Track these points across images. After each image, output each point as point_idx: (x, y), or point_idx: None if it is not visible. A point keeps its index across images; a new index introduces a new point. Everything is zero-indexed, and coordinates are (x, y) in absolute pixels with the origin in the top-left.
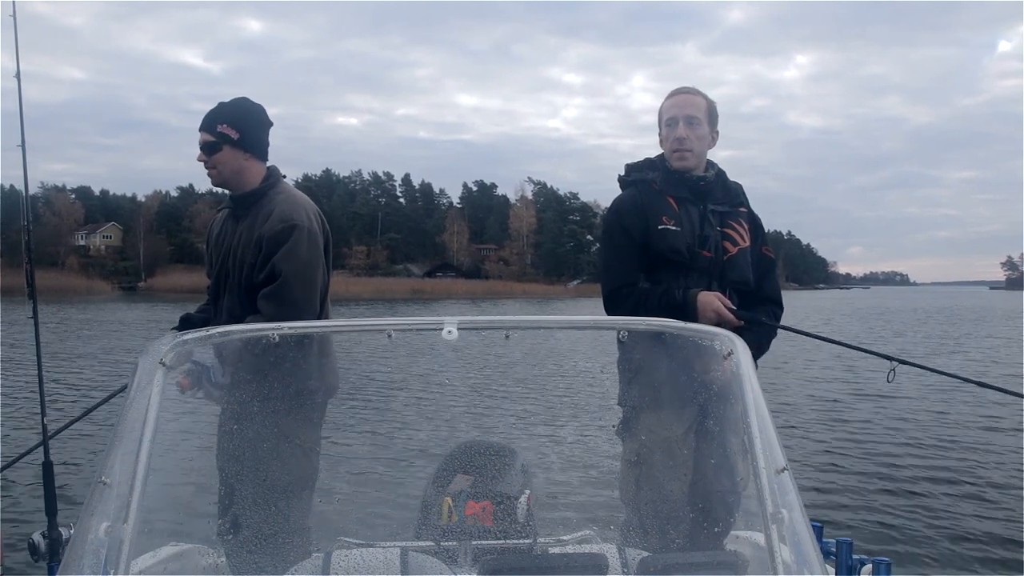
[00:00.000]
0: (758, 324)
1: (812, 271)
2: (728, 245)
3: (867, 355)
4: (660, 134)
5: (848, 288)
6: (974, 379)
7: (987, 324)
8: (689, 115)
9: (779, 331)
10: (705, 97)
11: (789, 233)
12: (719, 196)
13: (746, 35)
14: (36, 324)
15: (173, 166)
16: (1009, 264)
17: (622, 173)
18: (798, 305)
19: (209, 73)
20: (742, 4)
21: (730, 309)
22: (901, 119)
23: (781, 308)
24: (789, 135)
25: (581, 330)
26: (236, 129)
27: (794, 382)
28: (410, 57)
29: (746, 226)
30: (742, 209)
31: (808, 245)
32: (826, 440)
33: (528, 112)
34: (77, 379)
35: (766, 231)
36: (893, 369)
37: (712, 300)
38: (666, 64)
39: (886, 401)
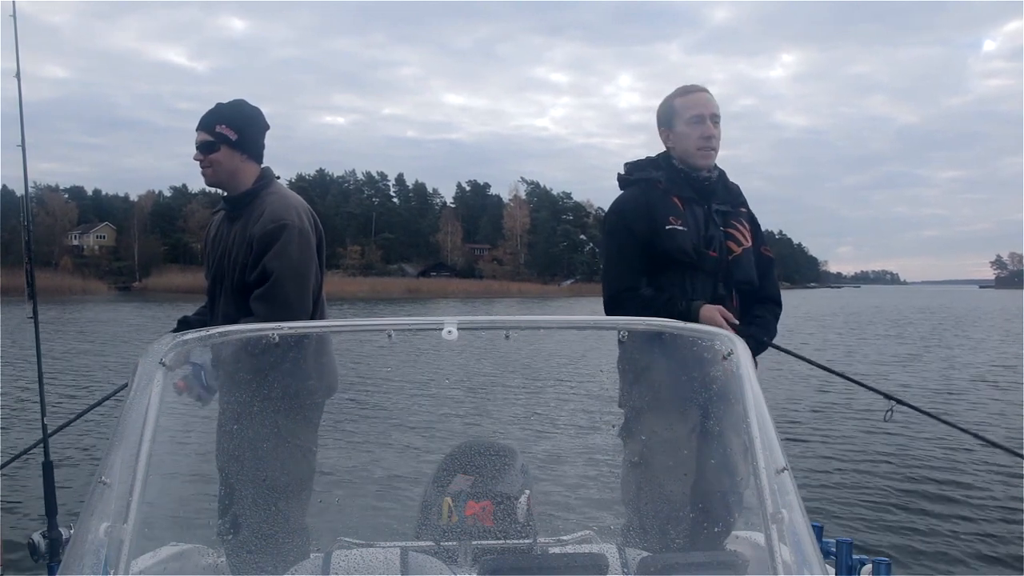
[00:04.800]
0: (758, 343)
1: (804, 270)
2: (732, 245)
3: (869, 360)
4: (667, 132)
5: (839, 287)
6: (972, 431)
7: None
8: (715, 113)
9: (778, 322)
10: None
11: (780, 232)
12: (722, 196)
13: (731, 35)
14: (36, 324)
15: (159, 165)
16: (998, 263)
17: (622, 171)
18: (794, 304)
19: (193, 72)
20: (727, 4)
21: (732, 325)
22: (887, 119)
23: (780, 307)
24: (776, 134)
25: (582, 330)
26: (235, 130)
27: (792, 382)
28: (394, 56)
29: (747, 226)
30: (743, 209)
31: (799, 244)
32: (826, 440)
33: (516, 111)
34: (77, 379)
35: None
36: (891, 409)
37: (714, 315)
38: (652, 64)
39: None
